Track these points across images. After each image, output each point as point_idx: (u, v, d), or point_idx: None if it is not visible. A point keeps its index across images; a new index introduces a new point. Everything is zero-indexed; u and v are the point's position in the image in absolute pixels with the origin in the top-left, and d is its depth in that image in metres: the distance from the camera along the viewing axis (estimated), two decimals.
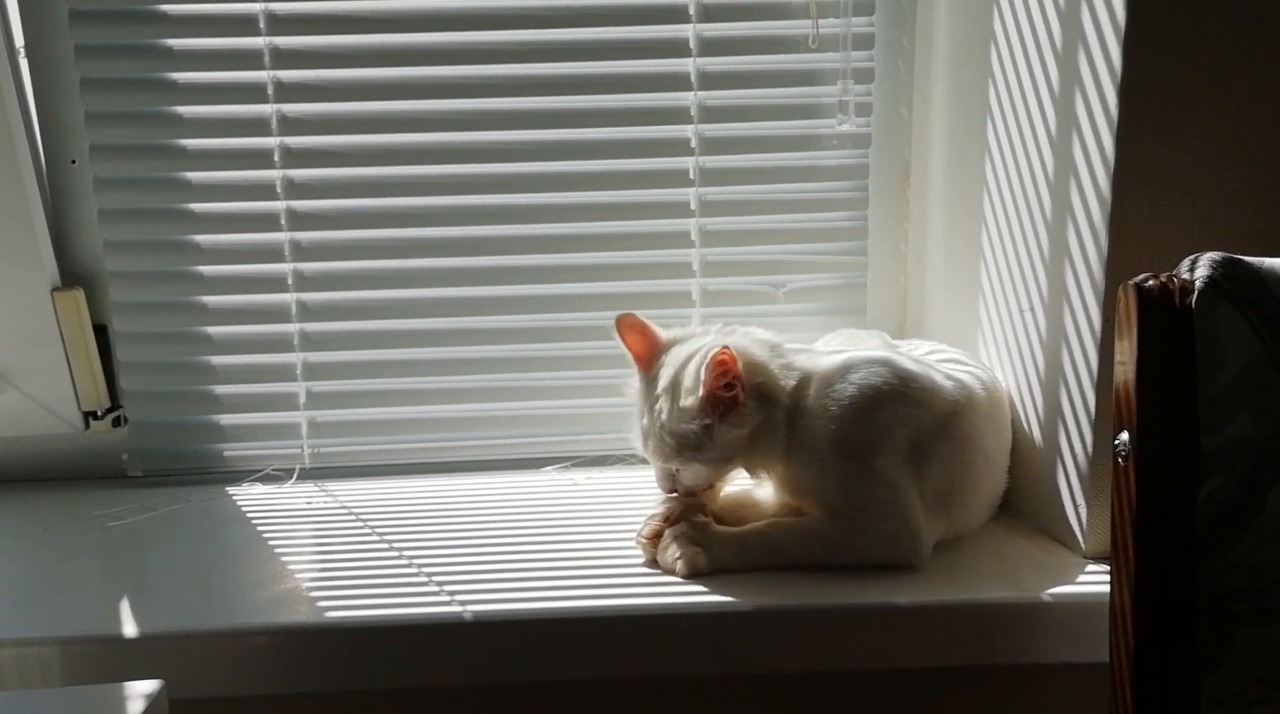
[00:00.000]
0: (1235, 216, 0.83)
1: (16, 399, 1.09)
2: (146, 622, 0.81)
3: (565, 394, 1.15)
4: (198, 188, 1.09)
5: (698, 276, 1.14)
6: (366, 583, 0.87)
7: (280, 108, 1.07)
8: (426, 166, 1.10)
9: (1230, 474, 0.64)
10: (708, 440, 0.86)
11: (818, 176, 1.13)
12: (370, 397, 1.14)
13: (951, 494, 0.89)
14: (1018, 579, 0.85)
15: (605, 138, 1.11)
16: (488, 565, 0.89)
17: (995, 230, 1.00)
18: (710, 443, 0.86)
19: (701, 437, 0.86)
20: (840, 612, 0.82)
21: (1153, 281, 0.66)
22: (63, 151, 1.08)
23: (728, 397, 0.85)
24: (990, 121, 0.99)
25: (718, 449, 0.87)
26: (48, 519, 1.03)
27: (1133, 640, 0.66)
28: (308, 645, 0.81)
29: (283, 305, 1.11)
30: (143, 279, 1.11)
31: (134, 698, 0.65)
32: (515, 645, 0.82)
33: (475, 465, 1.15)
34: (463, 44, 1.07)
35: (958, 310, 1.08)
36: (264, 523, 1.01)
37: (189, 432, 1.13)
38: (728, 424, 0.85)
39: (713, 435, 0.86)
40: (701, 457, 0.87)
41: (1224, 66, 0.81)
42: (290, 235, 1.10)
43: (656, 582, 0.85)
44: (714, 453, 0.87)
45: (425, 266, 1.12)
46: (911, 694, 0.90)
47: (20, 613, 0.84)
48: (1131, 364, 0.65)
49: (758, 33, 1.09)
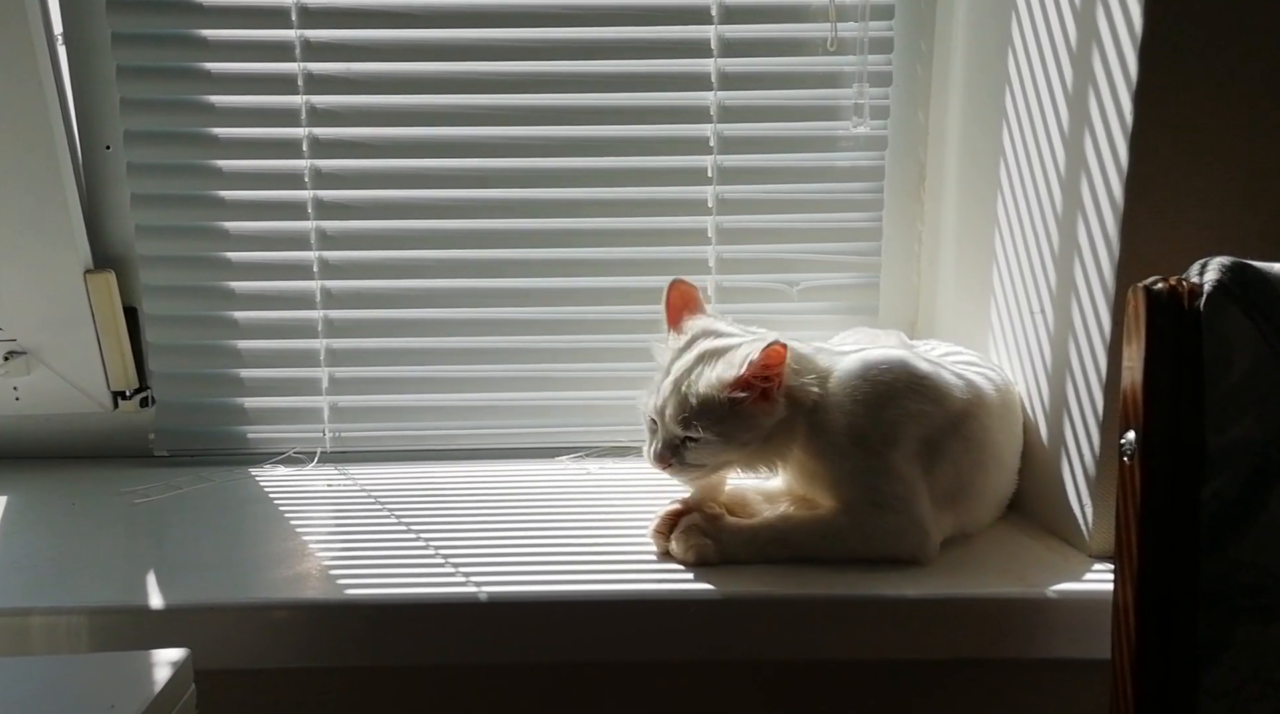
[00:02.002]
0: (1245, 222, 0.84)
1: (48, 377, 1.12)
2: (171, 594, 0.83)
3: (580, 386, 1.17)
4: (228, 175, 1.11)
5: (714, 273, 1.15)
6: (384, 563, 0.89)
7: (310, 99, 1.09)
8: (451, 160, 1.12)
9: (1234, 474, 0.65)
10: (729, 416, 0.85)
11: (834, 177, 1.14)
12: (391, 383, 1.16)
13: (961, 492, 0.90)
14: (1023, 575, 0.86)
15: (626, 135, 1.12)
16: (502, 549, 0.91)
17: (1008, 233, 1.01)
18: (731, 420, 0.85)
19: (725, 410, 0.84)
20: (847, 602, 0.83)
21: (1162, 284, 0.67)
22: (98, 137, 1.11)
23: (763, 387, 0.85)
24: (1006, 126, 1.01)
25: (734, 430, 0.85)
26: (76, 495, 1.06)
27: (1134, 636, 0.67)
28: (327, 621, 0.83)
29: (308, 292, 1.13)
30: (173, 263, 1.13)
31: (160, 665, 0.67)
32: (527, 626, 0.84)
33: (491, 453, 1.17)
34: (488, 40, 1.09)
35: (969, 311, 1.09)
36: (285, 503, 1.03)
37: (214, 413, 1.16)
38: (754, 410, 0.85)
39: (737, 414, 0.85)
40: (715, 430, 0.85)
41: (1237, 75, 0.82)
42: (316, 224, 1.12)
43: (667, 569, 0.87)
44: (729, 431, 0.85)
45: (447, 258, 1.14)
46: (915, 686, 0.91)
47: (50, 583, 0.86)
48: (1139, 365, 0.67)
49: (778, 35, 1.11)
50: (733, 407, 0.84)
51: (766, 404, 0.85)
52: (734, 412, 0.85)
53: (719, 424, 0.85)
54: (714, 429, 0.85)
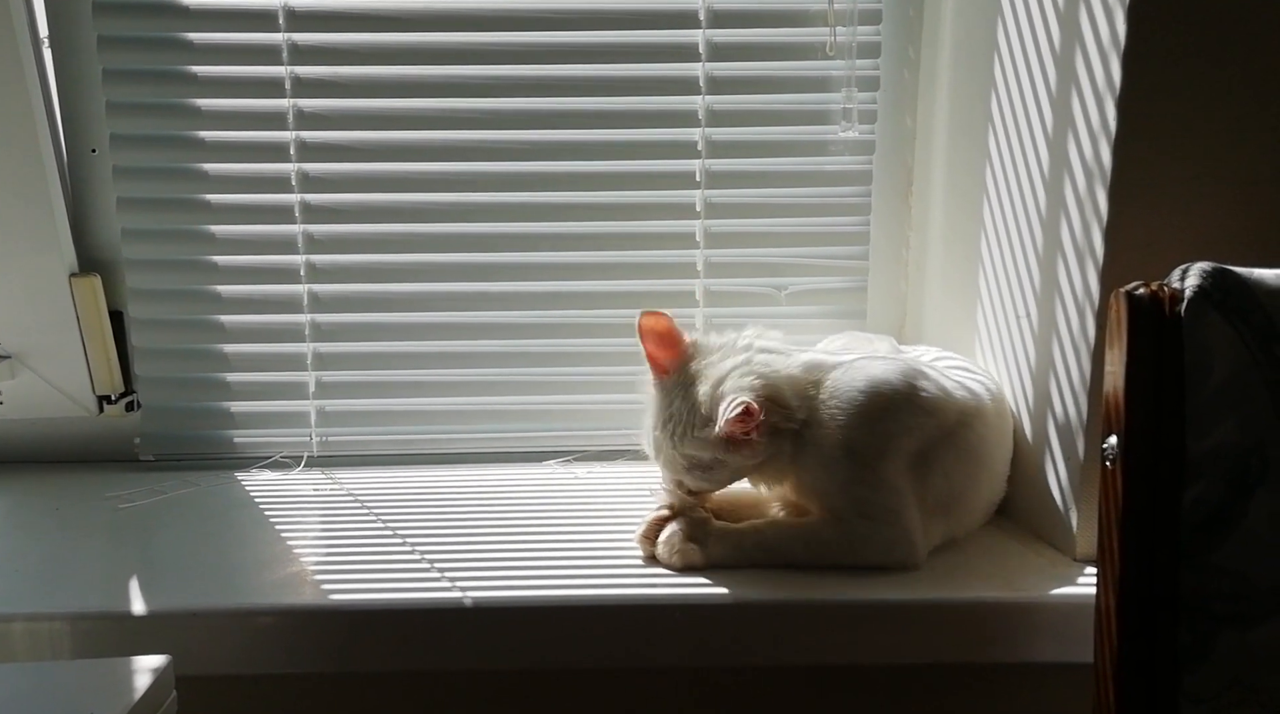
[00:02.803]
0: (1228, 227, 0.84)
1: (32, 382, 1.11)
2: (154, 600, 0.83)
3: (568, 389, 1.17)
4: (215, 179, 1.11)
5: (701, 277, 1.15)
6: (370, 568, 0.89)
7: (297, 102, 1.09)
8: (438, 163, 1.12)
9: (1215, 479, 0.65)
10: (718, 465, 0.88)
11: (821, 181, 1.14)
12: (378, 387, 1.16)
13: (952, 502, 0.90)
14: (1009, 580, 0.86)
15: (613, 139, 1.12)
16: (489, 553, 0.91)
17: (994, 238, 1.01)
18: (721, 467, 0.88)
19: (712, 461, 0.88)
20: (835, 607, 0.83)
21: (1144, 290, 0.67)
22: (83, 140, 1.10)
23: (743, 438, 0.85)
24: (992, 131, 1.01)
25: (727, 473, 0.89)
26: (60, 500, 1.06)
27: (1116, 640, 0.67)
28: (311, 626, 0.83)
29: (295, 296, 1.13)
30: (159, 267, 1.13)
31: (141, 672, 0.67)
32: (513, 632, 0.83)
33: (479, 457, 1.17)
34: (477, 44, 1.09)
35: (956, 315, 1.10)
36: (271, 508, 1.03)
37: (200, 418, 1.16)
38: (740, 455, 0.87)
39: (723, 462, 0.88)
40: (710, 477, 0.89)
41: (1219, 83, 0.83)
42: (304, 228, 1.12)
43: (653, 574, 0.87)
44: (723, 475, 0.90)
45: (434, 262, 1.14)
46: (902, 690, 0.91)
47: (32, 589, 0.86)
48: (1121, 370, 0.67)
49: (765, 39, 1.11)
50: (717, 458, 0.87)
51: (749, 448, 0.86)
52: (720, 461, 0.87)
53: (710, 471, 0.89)
54: (706, 476, 0.89)
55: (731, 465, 0.88)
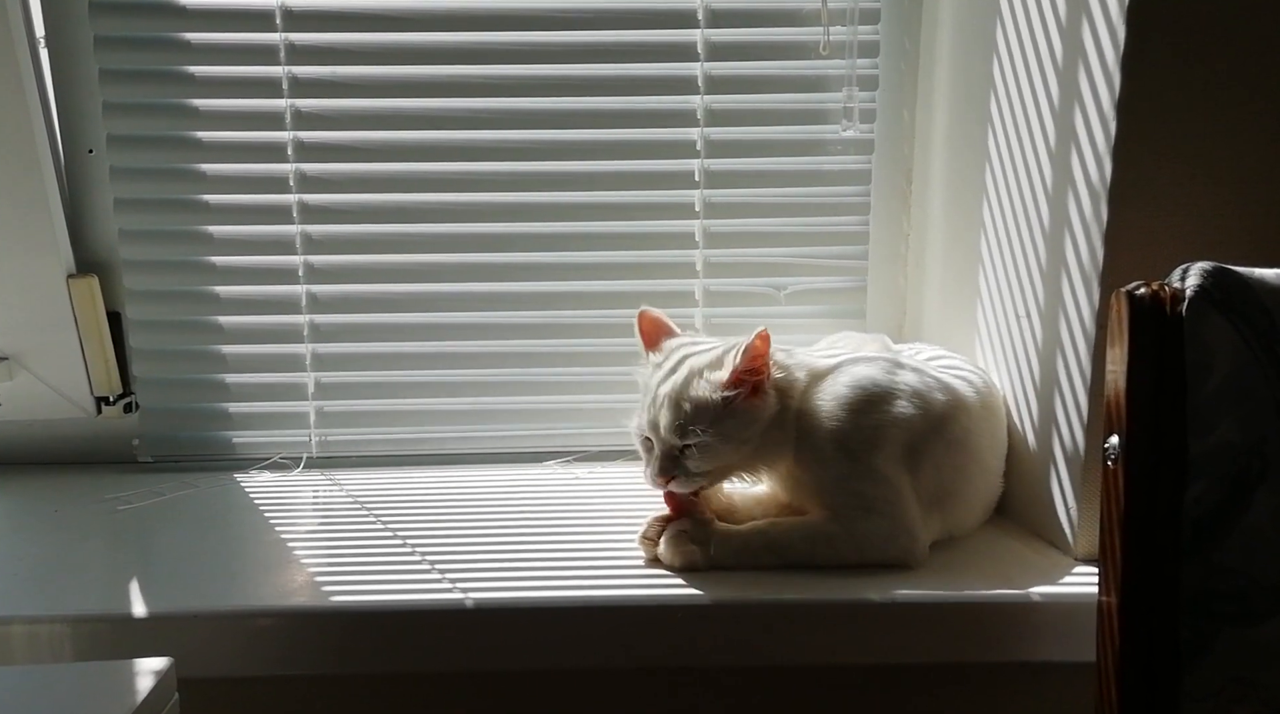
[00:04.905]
0: (1227, 227, 0.84)
1: (30, 383, 1.11)
2: (154, 602, 0.82)
3: (568, 390, 1.17)
4: (212, 179, 1.11)
5: (701, 277, 1.15)
6: (370, 569, 0.89)
7: (294, 102, 1.09)
8: (436, 163, 1.12)
9: (1216, 478, 0.65)
10: (726, 416, 0.85)
11: (821, 181, 1.15)
12: (377, 388, 1.16)
13: (945, 495, 0.91)
14: (1009, 579, 0.86)
15: (613, 139, 1.12)
16: (488, 555, 0.91)
17: (994, 237, 1.01)
18: (727, 419, 0.85)
19: (721, 411, 0.85)
20: (835, 607, 0.84)
21: (1144, 289, 0.67)
22: (80, 141, 1.10)
23: (752, 381, 0.86)
24: (991, 131, 1.01)
25: (731, 428, 0.86)
26: (59, 501, 1.05)
27: (1118, 638, 0.68)
28: (311, 629, 0.83)
29: (293, 297, 1.13)
30: (156, 268, 1.13)
31: (143, 674, 0.67)
32: (514, 633, 0.83)
33: (478, 458, 1.16)
34: (474, 44, 1.09)
35: (956, 315, 1.10)
36: (270, 509, 1.03)
37: (199, 419, 1.15)
38: (747, 406, 0.86)
39: (732, 412, 0.85)
40: (714, 432, 0.85)
41: (1218, 85, 0.83)
42: (302, 228, 1.11)
43: (654, 575, 0.87)
44: (727, 430, 0.86)
45: (433, 262, 1.14)
46: (902, 690, 0.91)
47: (31, 591, 0.85)
48: (1122, 369, 0.67)
49: (763, 39, 1.11)
50: (726, 405, 0.85)
51: (758, 398, 0.86)
52: (729, 410, 0.86)
53: (716, 424, 0.85)
54: (712, 430, 0.85)
55: (738, 418, 0.85)
